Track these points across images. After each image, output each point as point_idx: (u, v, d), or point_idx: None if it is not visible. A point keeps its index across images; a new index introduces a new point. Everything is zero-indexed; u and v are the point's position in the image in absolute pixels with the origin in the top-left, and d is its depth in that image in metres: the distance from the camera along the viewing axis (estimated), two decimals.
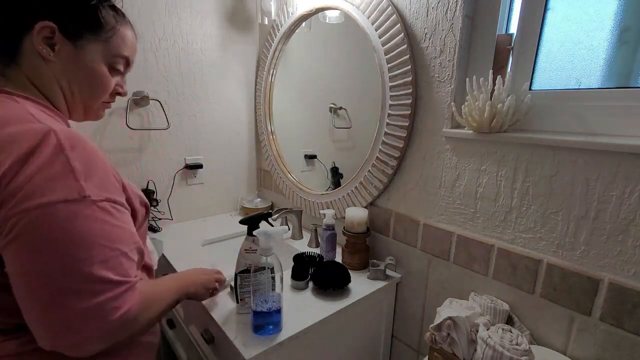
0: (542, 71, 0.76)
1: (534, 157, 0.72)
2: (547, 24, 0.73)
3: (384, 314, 1.01)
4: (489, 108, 0.71)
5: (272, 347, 0.69)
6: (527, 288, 0.75)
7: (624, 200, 0.61)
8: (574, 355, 0.70)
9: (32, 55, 0.51)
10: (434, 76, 0.86)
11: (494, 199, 0.79)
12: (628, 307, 0.62)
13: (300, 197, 1.33)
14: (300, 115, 1.39)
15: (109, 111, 1.16)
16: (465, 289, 0.86)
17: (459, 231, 0.86)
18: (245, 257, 0.76)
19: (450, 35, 0.81)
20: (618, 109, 0.65)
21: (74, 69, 0.54)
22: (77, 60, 0.54)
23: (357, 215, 1.01)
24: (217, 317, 0.78)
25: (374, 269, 0.97)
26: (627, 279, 0.62)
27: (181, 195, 1.39)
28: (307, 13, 1.18)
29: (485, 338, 0.64)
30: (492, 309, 0.75)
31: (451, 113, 0.84)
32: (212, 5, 1.32)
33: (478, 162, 0.81)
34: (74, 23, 0.52)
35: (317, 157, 1.33)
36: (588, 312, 0.67)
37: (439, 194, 0.89)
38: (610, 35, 0.68)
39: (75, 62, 0.54)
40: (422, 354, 1.01)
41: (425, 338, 0.72)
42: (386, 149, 0.97)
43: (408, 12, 0.88)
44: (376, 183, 1.02)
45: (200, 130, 1.40)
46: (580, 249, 0.67)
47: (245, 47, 1.46)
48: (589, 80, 0.71)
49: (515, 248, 0.76)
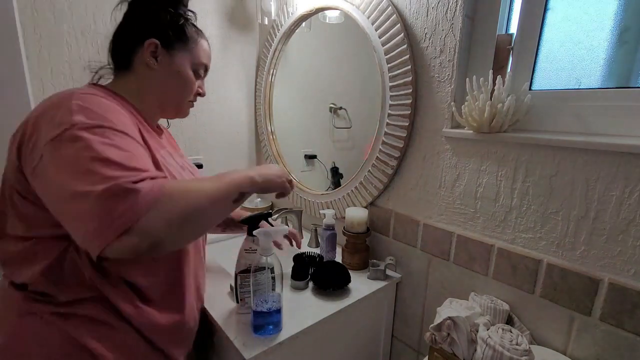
0: (542, 71, 0.76)
1: (534, 157, 0.72)
2: (547, 24, 0.73)
3: (384, 314, 1.01)
4: (489, 108, 0.71)
5: (272, 347, 0.69)
6: (527, 288, 0.75)
7: (624, 200, 0.61)
8: (574, 355, 0.70)
9: (140, 66, 0.66)
10: (434, 76, 0.86)
11: (494, 199, 0.79)
12: (628, 307, 0.62)
13: (300, 197, 1.33)
14: (300, 115, 1.39)
15: None
16: (465, 289, 0.86)
17: (459, 231, 0.86)
18: (245, 257, 0.76)
19: (450, 35, 0.81)
20: (618, 109, 0.65)
21: (170, 73, 0.68)
22: (172, 67, 0.67)
23: (357, 215, 1.01)
24: (217, 317, 0.78)
25: (374, 269, 0.97)
26: (627, 279, 0.62)
27: None
28: (307, 13, 1.18)
29: (485, 338, 0.64)
30: (492, 309, 0.75)
31: (451, 113, 0.84)
32: (212, 5, 1.32)
33: (478, 162, 0.81)
34: (170, 38, 0.66)
35: (317, 157, 1.33)
36: (588, 312, 0.67)
37: (439, 194, 0.89)
38: (610, 35, 0.68)
39: (170, 68, 0.67)
40: (422, 354, 1.01)
41: (425, 338, 0.72)
42: (386, 149, 0.97)
43: (408, 12, 0.88)
44: (376, 183, 1.02)
45: (200, 130, 1.39)
46: (580, 249, 0.67)
47: (245, 47, 1.46)
48: (589, 80, 0.71)
49: (515, 248, 0.76)
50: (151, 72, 0.66)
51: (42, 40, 0.95)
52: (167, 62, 0.67)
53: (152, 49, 0.65)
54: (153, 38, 0.64)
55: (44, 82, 0.97)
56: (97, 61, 0.70)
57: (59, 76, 0.99)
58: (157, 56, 0.65)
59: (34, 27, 0.93)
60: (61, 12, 0.97)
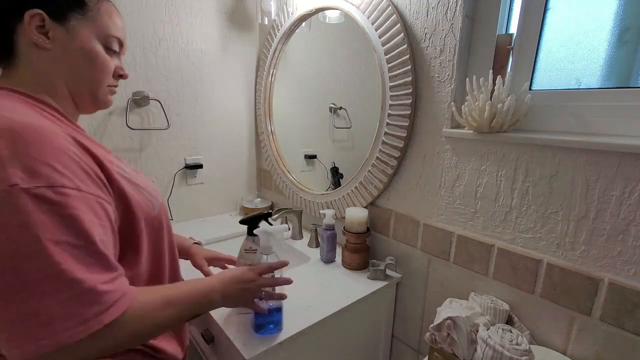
0: (542, 71, 0.76)
1: (534, 157, 0.72)
2: (547, 24, 0.73)
3: (384, 314, 1.01)
4: (489, 108, 0.71)
5: (272, 347, 0.69)
6: (527, 288, 0.75)
7: (624, 200, 0.61)
8: (574, 355, 0.70)
9: (28, 49, 0.50)
10: (434, 76, 0.86)
11: (494, 199, 0.79)
12: (628, 307, 0.62)
13: (300, 197, 1.33)
14: (300, 115, 1.39)
15: (109, 111, 1.16)
16: (465, 289, 0.86)
17: (459, 231, 0.86)
18: (245, 257, 0.76)
19: (450, 35, 0.81)
20: (618, 109, 0.65)
21: (71, 52, 0.53)
22: (72, 42, 0.52)
23: (357, 215, 1.01)
24: (217, 317, 0.78)
25: (374, 269, 0.97)
26: (627, 279, 0.62)
27: (181, 195, 1.39)
28: (307, 13, 1.18)
29: (485, 338, 0.64)
30: (492, 309, 0.75)
31: (451, 113, 0.84)
32: (212, 5, 1.32)
33: (478, 162, 0.81)
34: (58, 4, 0.51)
35: (317, 157, 1.33)
36: (588, 312, 0.67)
37: (439, 194, 0.89)
38: (610, 35, 0.68)
39: (71, 45, 0.52)
40: (422, 354, 1.01)
41: (425, 338, 0.72)
42: (386, 148, 0.97)
43: (408, 12, 0.88)
44: (376, 183, 1.02)
45: (200, 130, 1.40)
46: (580, 249, 0.67)
47: (245, 47, 1.46)
48: (589, 80, 0.71)
49: (515, 248, 0.76)
50: (45, 53, 0.51)
51: None
52: (63, 37, 0.51)
53: (38, 22, 0.49)
54: (35, 8, 0.49)
55: None
56: None
57: None
58: (47, 32, 0.50)
59: None
60: None
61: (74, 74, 0.54)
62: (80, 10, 0.53)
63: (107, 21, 0.56)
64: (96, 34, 0.55)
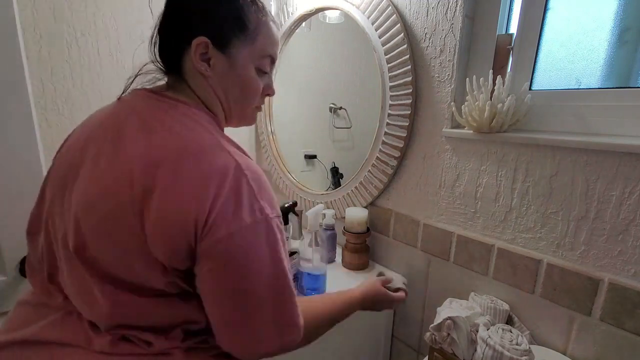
0: (542, 71, 0.76)
1: (534, 157, 0.72)
2: (547, 24, 0.73)
3: (384, 314, 1.01)
4: (489, 108, 0.71)
5: None
6: (527, 288, 0.75)
7: (624, 200, 0.61)
8: (574, 355, 0.70)
9: (192, 72, 0.53)
10: (434, 76, 0.86)
11: (494, 199, 0.79)
12: (628, 307, 0.62)
13: (300, 197, 1.33)
14: (300, 115, 1.39)
15: None
16: (465, 289, 0.86)
17: (459, 231, 0.86)
18: None
19: (450, 35, 0.81)
20: (618, 109, 0.65)
21: (228, 79, 0.55)
22: (230, 69, 0.54)
23: (357, 215, 1.01)
24: None
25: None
26: (627, 279, 0.62)
27: None
28: (307, 13, 1.18)
29: (485, 338, 0.64)
30: (492, 309, 0.75)
31: (451, 113, 0.83)
32: None
33: (478, 162, 0.81)
34: (223, 31, 0.52)
35: (317, 157, 1.33)
36: (588, 312, 0.67)
37: (439, 194, 0.89)
38: (610, 35, 0.68)
39: (228, 72, 0.54)
40: (422, 354, 1.01)
41: (425, 338, 0.72)
42: (386, 149, 0.97)
43: (408, 12, 0.88)
44: (376, 183, 1.02)
45: None
46: (580, 249, 0.67)
47: None
48: (589, 80, 0.71)
49: (515, 248, 0.76)
50: (206, 80, 0.54)
51: (42, 40, 0.95)
52: (223, 65, 0.53)
53: (202, 50, 0.51)
54: (202, 36, 0.50)
55: (44, 82, 0.97)
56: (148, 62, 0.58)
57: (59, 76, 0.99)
58: (209, 59, 0.52)
59: (34, 26, 0.93)
60: (61, 12, 0.97)
61: (227, 95, 0.57)
62: (242, 34, 0.53)
63: (265, 40, 0.56)
64: (253, 56, 0.56)
